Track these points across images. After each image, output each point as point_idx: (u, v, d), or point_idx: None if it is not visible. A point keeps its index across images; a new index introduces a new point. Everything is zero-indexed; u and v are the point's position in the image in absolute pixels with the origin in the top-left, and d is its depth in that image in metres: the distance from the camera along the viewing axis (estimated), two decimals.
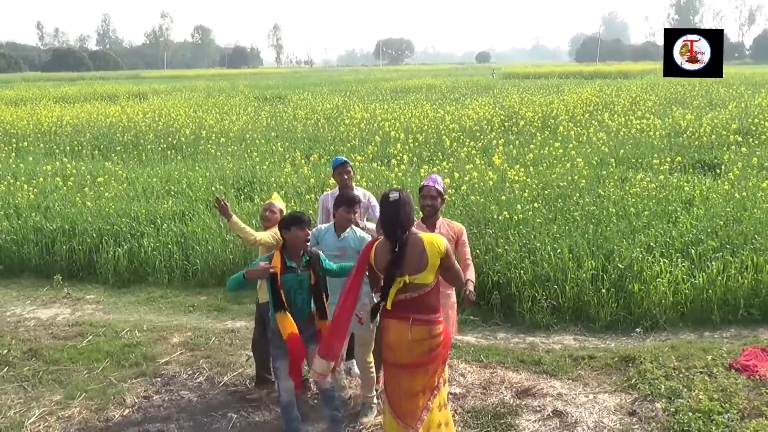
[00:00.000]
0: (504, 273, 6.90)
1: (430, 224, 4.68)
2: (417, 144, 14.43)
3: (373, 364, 4.76)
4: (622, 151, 12.59)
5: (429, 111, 20.76)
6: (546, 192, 9.41)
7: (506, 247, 7.26)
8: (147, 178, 12.18)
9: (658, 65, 69.90)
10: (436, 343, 3.73)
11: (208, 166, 13.32)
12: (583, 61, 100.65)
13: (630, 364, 5.47)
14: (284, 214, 4.76)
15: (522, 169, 10.37)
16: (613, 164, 11.22)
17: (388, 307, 3.69)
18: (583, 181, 9.73)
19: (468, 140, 14.50)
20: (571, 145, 12.81)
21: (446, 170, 11.01)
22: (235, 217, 5.03)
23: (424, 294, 3.72)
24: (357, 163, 11.77)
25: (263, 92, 35.77)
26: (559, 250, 7.07)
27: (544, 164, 11.36)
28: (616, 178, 10.36)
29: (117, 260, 8.49)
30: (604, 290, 6.50)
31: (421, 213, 4.77)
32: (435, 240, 3.71)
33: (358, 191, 5.53)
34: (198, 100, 30.42)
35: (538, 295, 6.58)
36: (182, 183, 11.49)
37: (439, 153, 13.43)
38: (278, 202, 5.29)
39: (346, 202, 4.68)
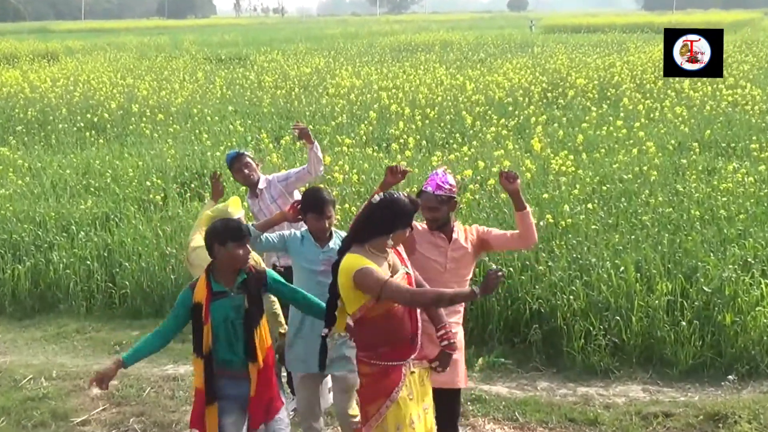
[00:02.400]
0: (547, 299, 6.90)
1: (446, 232, 4.69)
2: (427, 122, 14.46)
3: (358, 418, 4.73)
4: (708, 131, 12.62)
5: (444, 77, 20.79)
6: (604, 188, 9.41)
7: (550, 264, 7.26)
8: (58, 169, 12.16)
9: (757, 14, 70.11)
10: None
11: (141, 152, 13.31)
12: (655, 10, 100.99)
13: (720, 424, 5.46)
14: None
15: (571, 157, 10.37)
16: (696, 150, 11.25)
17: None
18: (655, 172, 9.75)
19: (497, 117, 14.52)
20: (638, 124, 12.84)
21: (467, 158, 11.01)
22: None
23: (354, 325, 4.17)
24: (345, 148, 11.79)
25: (216, 51, 35.80)
26: (622, 268, 7.07)
27: (602, 150, 11.38)
28: (700, 168, 10.38)
29: (16, 281, 8.47)
30: (684, 323, 6.50)
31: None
32: (348, 264, 4.04)
33: (266, 179, 5.98)
34: (127, 62, 30.41)
35: (593, 330, 6.58)
36: (106, 176, 11.49)
37: (458, 134, 13.46)
38: (235, 209, 5.21)
39: (314, 207, 4.69)
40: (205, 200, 9.94)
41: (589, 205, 8.53)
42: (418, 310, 4.18)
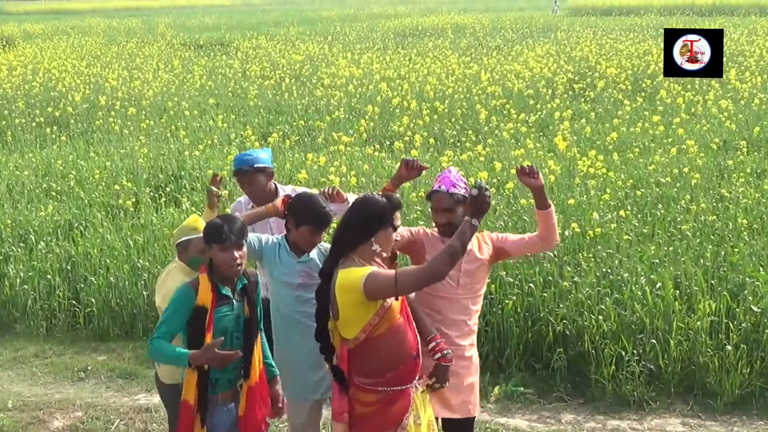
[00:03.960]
0: (573, 320, 6.92)
1: None
2: (436, 117, 14.49)
3: None
4: (757, 128, 12.63)
5: (455, 66, 20.83)
6: (638, 193, 9.43)
7: (576, 279, 7.28)
8: (14, 171, 12.18)
9: None
10: None
11: (109, 151, 13.34)
12: None
13: None
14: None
15: (601, 157, 10.39)
16: (744, 149, 11.26)
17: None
18: (697, 175, 9.76)
19: (516, 112, 14.55)
20: (677, 120, 12.85)
21: (482, 159, 11.03)
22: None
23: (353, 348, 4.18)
24: (342, 147, 11.81)
25: (195, 36, 35.88)
26: (659, 284, 7.09)
27: (636, 150, 11.40)
28: (748, 170, 10.39)
29: None
30: (729, 347, 6.52)
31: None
32: (347, 278, 4.07)
33: (287, 189, 5.60)
34: (94, 48, 30.48)
35: (625, 355, 6.59)
36: (69, 178, 11.51)
37: (471, 131, 13.48)
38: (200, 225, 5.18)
39: (316, 221, 4.70)
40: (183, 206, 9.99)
41: (621, 213, 8.55)
42: (414, 322, 4.23)
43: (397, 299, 4.10)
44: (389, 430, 4.09)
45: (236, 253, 4.27)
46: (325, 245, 4.89)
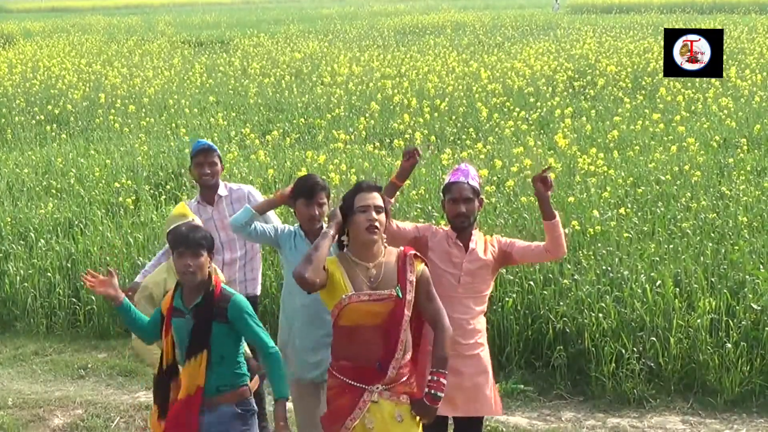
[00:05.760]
0: (573, 317, 6.92)
1: (462, 238, 4.72)
2: (436, 115, 14.49)
3: None
4: (757, 126, 12.63)
5: (455, 63, 20.83)
6: (639, 191, 9.43)
7: (576, 277, 7.28)
8: (14, 169, 12.19)
9: None
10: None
11: (109, 149, 13.33)
12: None
13: None
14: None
15: (601, 155, 10.39)
16: (744, 147, 11.26)
17: None
18: (698, 173, 9.76)
19: (517, 109, 14.55)
20: (678, 117, 12.85)
21: (482, 156, 11.03)
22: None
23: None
24: (342, 145, 11.81)
25: (196, 34, 35.86)
26: (659, 282, 7.08)
27: (636, 147, 11.39)
28: (748, 168, 10.39)
29: None
30: (729, 345, 6.51)
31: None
32: None
33: (229, 187, 5.97)
34: (94, 46, 30.47)
35: (625, 353, 6.59)
36: (69, 176, 11.51)
37: (471, 129, 13.48)
38: (188, 212, 5.20)
39: (306, 191, 4.88)
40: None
41: (622, 210, 8.54)
42: (401, 336, 4.10)
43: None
44: (336, 424, 4.09)
45: (189, 261, 4.23)
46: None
